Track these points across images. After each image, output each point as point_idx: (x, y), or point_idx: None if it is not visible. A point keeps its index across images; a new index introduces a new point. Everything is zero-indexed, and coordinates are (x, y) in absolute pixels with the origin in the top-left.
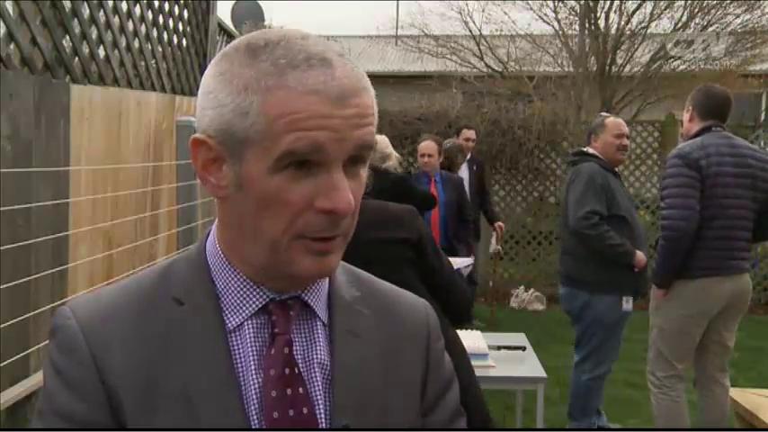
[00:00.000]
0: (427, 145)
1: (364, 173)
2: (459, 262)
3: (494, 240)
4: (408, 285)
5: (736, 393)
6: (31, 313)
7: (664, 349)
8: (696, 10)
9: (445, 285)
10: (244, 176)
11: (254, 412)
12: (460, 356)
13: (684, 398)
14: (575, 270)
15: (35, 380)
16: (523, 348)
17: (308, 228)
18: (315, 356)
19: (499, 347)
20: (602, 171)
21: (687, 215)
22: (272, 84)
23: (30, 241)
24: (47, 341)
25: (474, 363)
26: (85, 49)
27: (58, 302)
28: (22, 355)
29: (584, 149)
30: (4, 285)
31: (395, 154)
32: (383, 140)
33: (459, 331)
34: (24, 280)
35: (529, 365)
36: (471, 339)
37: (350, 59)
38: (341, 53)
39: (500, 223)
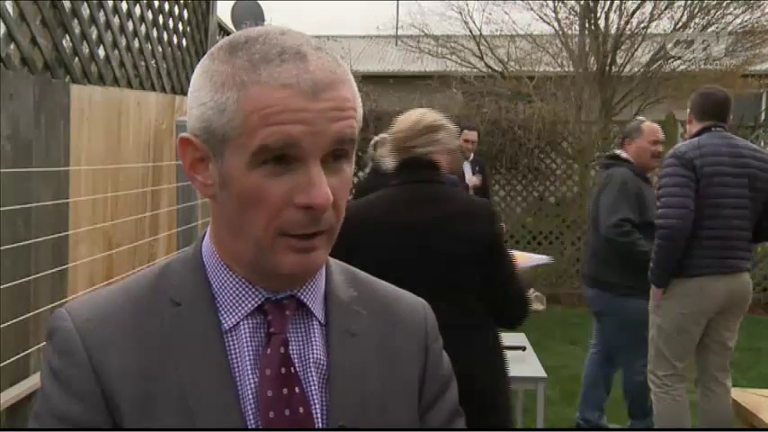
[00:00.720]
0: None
1: (348, 168)
2: (535, 258)
3: None
4: (466, 285)
5: (736, 393)
6: (31, 313)
7: (663, 348)
8: (696, 10)
9: (504, 283)
10: (225, 174)
11: (250, 412)
12: (501, 356)
13: (686, 397)
14: (601, 272)
15: (35, 380)
16: (523, 348)
17: (288, 224)
18: (311, 356)
19: None
20: (634, 177)
21: (682, 214)
22: (246, 79)
23: (30, 241)
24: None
25: None
26: (85, 49)
27: (58, 302)
28: (22, 354)
29: (617, 153)
30: (4, 285)
31: None
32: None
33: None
34: (24, 280)
35: (529, 365)
36: None
37: (328, 52)
38: (318, 47)
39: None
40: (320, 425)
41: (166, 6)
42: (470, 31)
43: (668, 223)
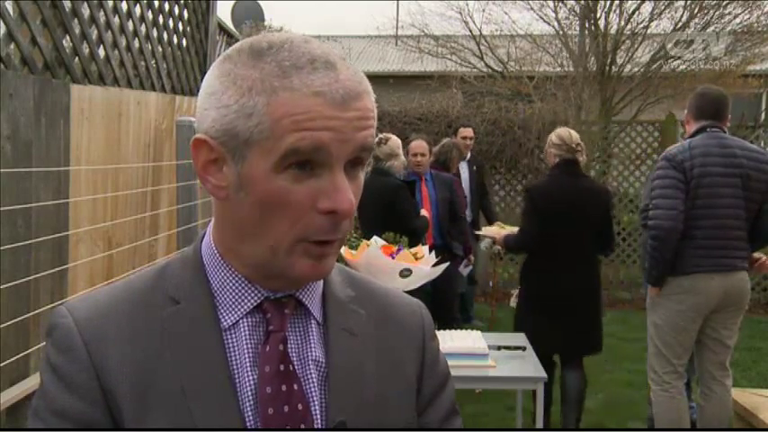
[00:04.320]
0: (420, 144)
1: (362, 175)
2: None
3: (487, 243)
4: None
5: (736, 393)
6: (31, 313)
7: (660, 345)
8: (696, 10)
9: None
10: (246, 177)
11: (248, 409)
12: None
13: (684, 395)
14: None
15: (35, 380)
16: (523, 348)
17: (309, 230)
18: (310, 354)
19: (499, 347)
20: None
21: (671, 215)
22: (277, 85)
23: (30, 241)
24: None
25: (474, 363)
26: (85, 49)
27: (58, 302)
28: (22, 354)
29: None
30: (4, 285)
31: (402, 158)
32: (396, 141)
33: (458, 331)
34: (24, 280)
35: (529, 365)
36: (471, 339)
37: (351, 63)
38: (343, 57)
39: (499, 222)
40: (319, 422)
41: (166, 6)
42: (470, 31)
43: (658, 224)
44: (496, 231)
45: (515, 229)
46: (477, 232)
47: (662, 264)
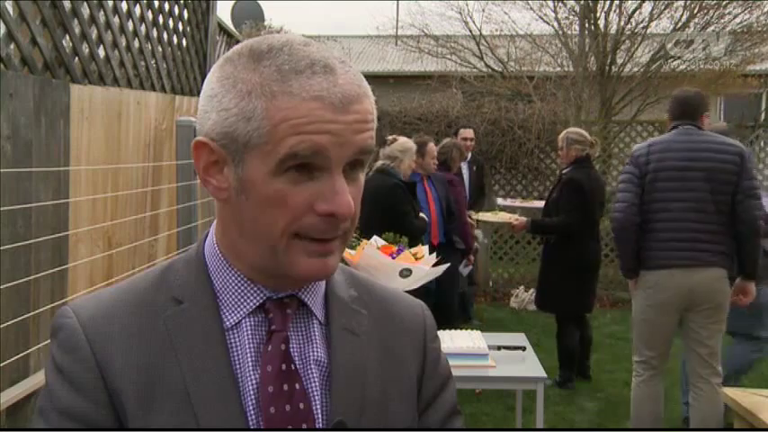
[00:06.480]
0: (435, 147)
1: (362, 176)
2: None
3: (480, 234)
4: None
5: (736, 393)
6: (31, 313)
7: (634, 335)
8: (696, 10)
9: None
10: (245, 179)
11: (251, 408)
12: None
13: (657, 383)
14: None
15: (35, 380)
16: (523, 348)
17: (306, 228)
18: (311, 354)
19: (499, 347)
20: None
21: (622, 207)
22: (276, 89)
23: (30, 241)
24: (47, 341)
25: (474, 363)
26: (85, 49)
27: (58, 302)
28: (22, 355)
29: None
30: (4, 285)
31: (407, 161)
32: (401, 144)
33: (458, 331)
34: (24, 280)
35: (529, 365)
36: (471, 339)
37: (351, 65)
38: (342, 60)
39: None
40: (320, 421)
41: (166, 6)
42: (470, 31)
43: (613, 216)
44: (511, 217)
45: (503, 215)
46: (475, 216)
47: (624, 255)
